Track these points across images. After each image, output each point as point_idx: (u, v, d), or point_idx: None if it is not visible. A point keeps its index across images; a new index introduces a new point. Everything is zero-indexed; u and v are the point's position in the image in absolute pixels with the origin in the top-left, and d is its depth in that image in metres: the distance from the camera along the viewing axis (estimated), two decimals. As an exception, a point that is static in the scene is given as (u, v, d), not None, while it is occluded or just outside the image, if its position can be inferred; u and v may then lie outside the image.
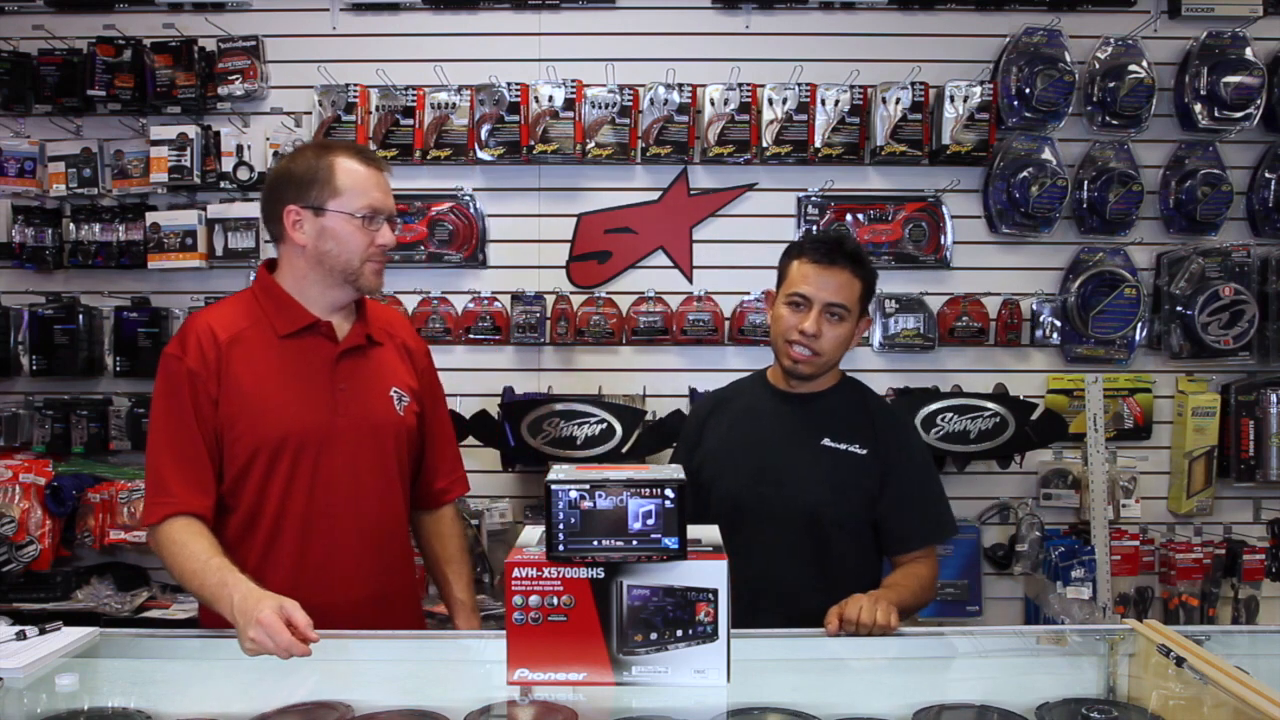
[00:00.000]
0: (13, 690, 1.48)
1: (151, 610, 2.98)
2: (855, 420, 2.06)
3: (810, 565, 1.99)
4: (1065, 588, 2.93)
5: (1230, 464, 3.16)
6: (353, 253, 1.81)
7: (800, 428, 2.06)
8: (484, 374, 3.17)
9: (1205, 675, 1.45)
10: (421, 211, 3.14)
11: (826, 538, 2.00)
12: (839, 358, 2.05)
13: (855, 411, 2.07)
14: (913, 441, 2.13)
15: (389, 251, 1.87)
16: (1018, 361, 3.21)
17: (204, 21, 3.12)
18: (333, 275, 1.83)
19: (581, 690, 1.44)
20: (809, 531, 2.00)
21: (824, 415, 2.06)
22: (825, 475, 2.01)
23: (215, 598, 1.60)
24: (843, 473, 2.01)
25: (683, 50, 3.14)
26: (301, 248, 1.82)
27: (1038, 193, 3.04)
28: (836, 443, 2.03)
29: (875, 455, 2.02)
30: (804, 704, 1.41)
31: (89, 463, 3.15)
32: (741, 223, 3.19)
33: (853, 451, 2.02)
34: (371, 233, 1.82)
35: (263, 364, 1.80)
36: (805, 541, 2.00)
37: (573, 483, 1.43)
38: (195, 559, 1.65)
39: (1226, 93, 3.05)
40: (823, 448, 2.03)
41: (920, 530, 2.05)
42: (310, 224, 1.80)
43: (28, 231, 3.13)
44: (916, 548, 2.04)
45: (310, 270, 1.84)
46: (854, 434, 2.04)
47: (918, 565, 2.02)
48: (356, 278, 1.84)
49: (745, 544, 2.00)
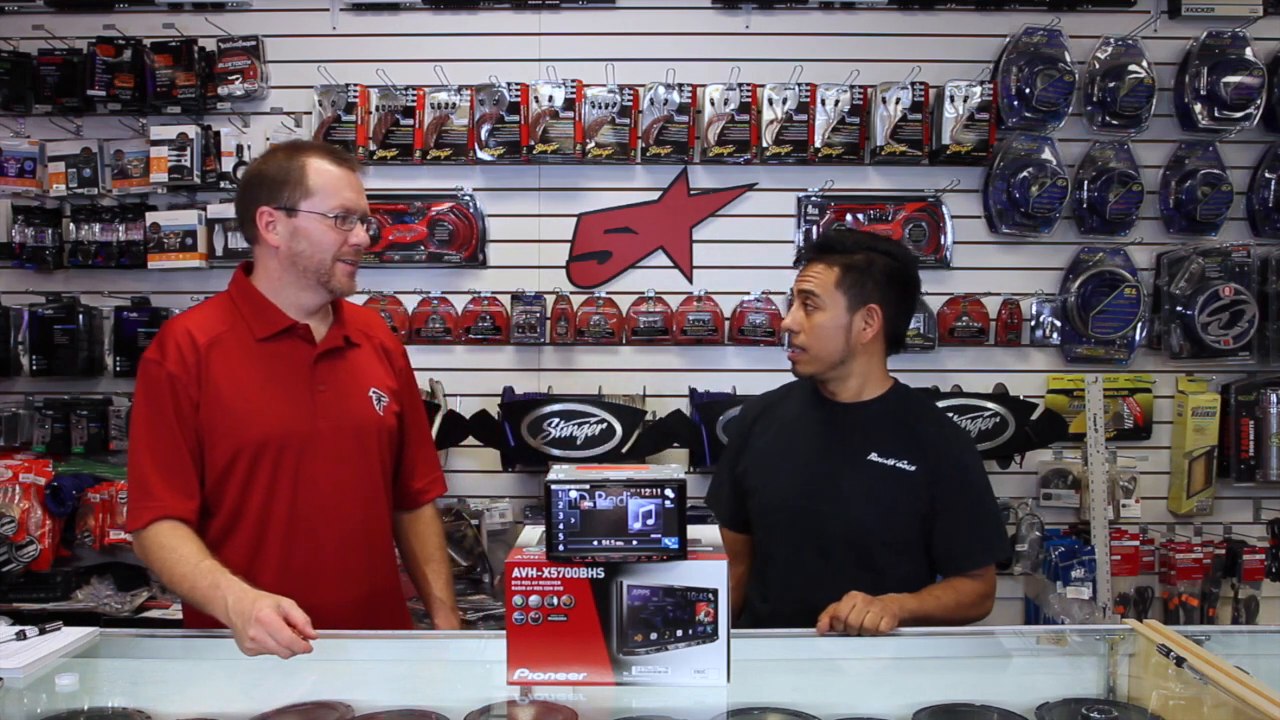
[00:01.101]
0: (13, 690, 1.48)
1: (151, 610, 2.98)
2: (903, 434, 1.96)
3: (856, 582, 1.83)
4: (1065, 588, 2.93)
5: (1230, 464, 3.16)
6: (325, 253, 1.81)
7: (845, 440, 1.98)
8: (484, 374, 3.17)
9: (1205, 675, 1.45)
10: (421, 211, 3.14)
11: (872, 556, 1.94)
12: (835, 349, 1.95)
13: (903, 424, 1.97)
14: (965, 459, 1.99)
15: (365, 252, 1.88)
16: (1018, 361, 3.21)
17: (204, 21, 3.12)
18: (306, 276, 1.83)
19: (581, 690, 1.44)
20: (855, 549, 1.94)
21: (870, 428, 1.98)
22: (872, 492, 1.93)
23: (208, 600, 1.59)
24: (890, 490, 1.93)
25: (683, 50, 3.14)
26: (275, 249, 1.82)
27: (1038, 193, 3.04)
28: (883, 458, 1.94)
29: (924, 473, 1.92)
30: (804, 704, 1.41)
31: (89, 463, 3.15)
32: (741, 223, 3.19)
33: (900, 468, 1.93)
34: (344, 233, 1.82)
35: (241, 368, 1.80)
36: (851, 558, 1.94)
37: (573, 483, 1.43)
38: (185, 562, 1.65)
39: (1226, 93, 3.05)
40: (869, 463, 1.94)
41: (970, 552, 1.95)
42: (283, 225, 1.80)
43: (28, 231, 3.13)
44: (966, 570, 1.95)
45: (284, 272, 1.83)
46: (901, 449, 1.94)
47: (964, 581, 1.94)
48: (329, 278, 1.83)
49: (790, 557, 2.00)
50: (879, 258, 1.96)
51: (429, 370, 3.04)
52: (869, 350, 1.98)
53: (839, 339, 1.95)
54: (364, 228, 1.86)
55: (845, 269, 1.94)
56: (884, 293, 1.95)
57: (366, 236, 1.87)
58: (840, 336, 1.94)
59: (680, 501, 1.43)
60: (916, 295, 2.06)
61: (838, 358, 1.96)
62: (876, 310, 1.95)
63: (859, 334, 1.95)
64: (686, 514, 1.43)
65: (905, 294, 2.01)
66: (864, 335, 1.95)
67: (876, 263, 1.96)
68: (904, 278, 1.99)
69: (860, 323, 1.95)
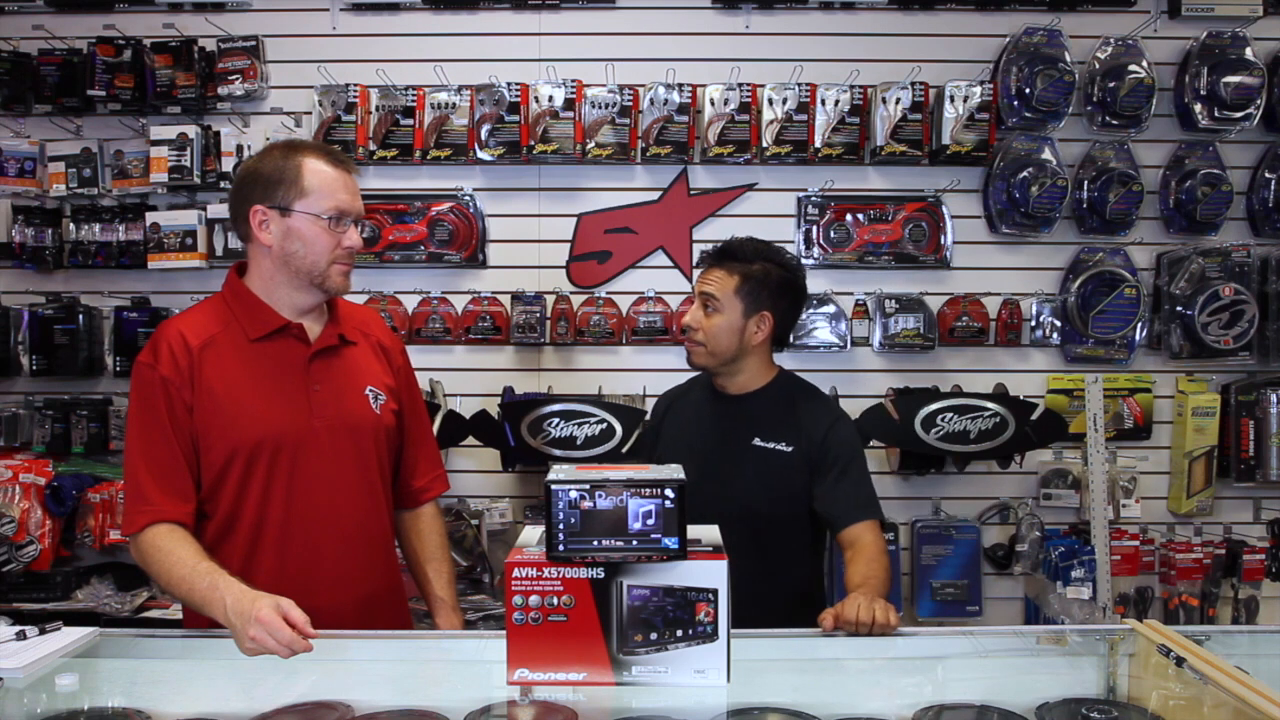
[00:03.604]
0: (13, 690, 1.48)
1: (151, 610, 2.98)
2: (782, 418, 2.14)
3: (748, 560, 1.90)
4: (1065, 588, 2.93)
5: (1230, 464, 3.16)
6: (319, 255, 1.80)
7: (733, 429, 2.17)
8: (484, 374, 3.17)
9: (1205, 675, 1.45)
10: (421, 211, 3.14)
11: (762, 534, 2.07)
12: (728, 348, 2.12)
13: (783, 409, 2.16)
14: (836, 434, 2.13)
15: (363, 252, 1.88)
16: (1018, 361, 3.21)
17: (204, 21, 3.12)
18: (299, 277, 1.82)
19: (581, 690, 1.44)
20: (745, 528, 1.98)
21: (754, 415, 2.16)
22: (756, 474, 2.11)
23: (206, 601, 1.59)
24: (773, 470, 2.11)
25: (683, 50, 3.14)
26: (268, 248, 1.81)
27: (1038, 193, 3.04)
28: (765, 441, 2.13)
29: (800, 451, 2.11)
30: (804, 704, 1.42)
31: (89, 463, 3.15)
32: (741, 223, 3.18)
33: (779, 450, 2.12)
34: (338, 235, 1.81)
35: (234, 368, 1.79)
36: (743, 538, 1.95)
37: (573, 483, 1.43)
38: (182, 564, 1.65)
39: (1226, 93, 3.05)
40: (753, 447, 2.13)
41: (853, 506, 2.07)
42: (276, 225, 1.79)
43: (28, 231, 3.13)
44: (851, 521, 2.05)
45: (277, 272, 1.83)
46: (781, 432, 2.13)
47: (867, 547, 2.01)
48: (323, 280, 1.83)
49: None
50: (774, 269, 2.15)
51: (429, 370, 3.05)
52: (758, 350, 2.18)
53: (733, 339, 2.13)
54: (358, 230, 1.86)
55: (744, 277, 2.13)
56: (776, 301, 2.15)
57: (360, 239, 1.86)
58: (734, 337, 2.13)
59: (680, 501, 1.43)
60: (804, 303, 2.31)
61: (730, 355, 2.15)
62: (768, 317, 2.14)
63: (751, 336, 2.14)
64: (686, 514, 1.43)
65: (795, 302, 2.21)
66: (755, 338, 2.15)
67: (772, 274, 2.14)
68: (795, 288, 2.19)
69: (753, 327, 2.14)
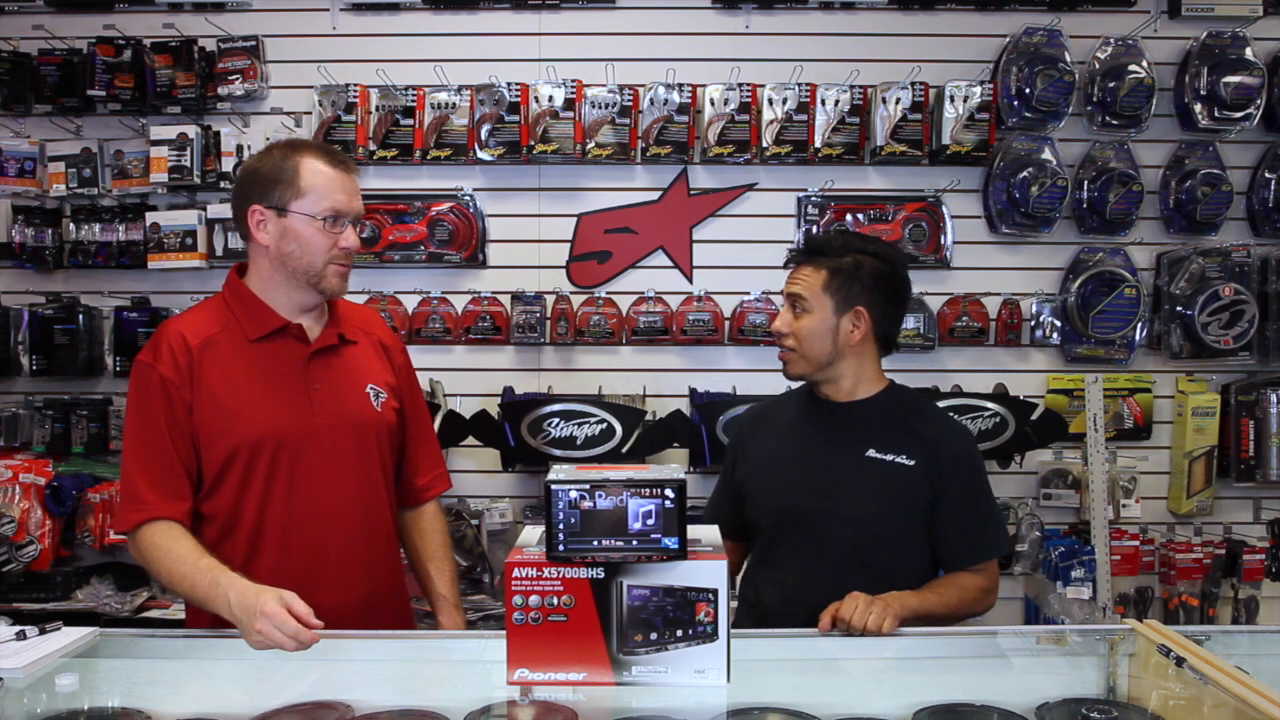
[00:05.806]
0: (13, 690, 1.48)
1: (151, 610, 2.98)
2: (900, 429, 1.97)
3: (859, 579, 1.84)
4: (1065, 588, 2.93)
5: (1230, 464, 3.16)
6: (315, 255, 1.80)
7: (842, 438, 1.99)
8: (484, 374, 3.17)
9: (1205, 675, 1.45)
10: (421, 211, 3.14)
11: (875, 551, 1.94)
12: (823, 350, 1.96)
13: (901, 421, 1.99)
14: (966, 453, 2.00)
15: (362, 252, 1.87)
16: (1018, 361, 3.21)
17: (204, 21, 3.12)
18: (296, 277, 1.82)
19: (581, 690, 1.44)
20: (858, 545, 1.94)
21: (866, 424, 1.99)
22: (871, 487, 1.94)
23: (209, 598, 1.59)
24: (889, 485, 1.94)
25: (683, 50, 3.14)
26: (265, 248, 1.81)
27: (1038, 193, 3.04)
28: (881, 453, 1.95)
29: (923, 467, 1.93)
30: (804, 704, 1.41)
31: (89, 463, 3.15)
32: (741, 223, 3.19)
33: (899, 462, 1.94)
34: (334, 235, 1.81)
35: (235, 368, 1.79)
36: (854, 555, 1.94)
37: (573, 483, 1.43)
38: (183, 561, 1.65)
39: (1226, 93, 3.05)
40: (867, 459, 1.96)
41: (974, 545, 1.97)
42: (273, 224, 1.79)
43: (28, 231, 3.13)
44: (970, 563, 1.96)
45: (275, 272, 1.83)
46: (900, 444, 1.95)
47: (966, 576, 1.95)
48: (319, 280, 1.82)
49: (795, 558, 2.00)
50: (867, 260, 1.97)
51: (429, 370, 3.04)
52: (859, 351, 1.99)
53: (826, 341, 1.96)
54: (355, 230, 1.85)
55: (833, 272, 1.96)
56: (871, 295, 1.97)
57: (357, 240, 1.85)
58: (828, 338, 1.96)
59: (680, 501, 1.42)
60: (907, 297, 2.05)
61: (826, 359, 1.98)
62: (864, 313, 1.96)
63: (846, 336, 1.97)
64: (686, 514, 1.43)
65: (894, 296, 2.01)
66: (851, 337, 1.97)
67: (864, 265, 1.97)
68: (892, 280, 2.00)
69: (848, 325, 1.96)
